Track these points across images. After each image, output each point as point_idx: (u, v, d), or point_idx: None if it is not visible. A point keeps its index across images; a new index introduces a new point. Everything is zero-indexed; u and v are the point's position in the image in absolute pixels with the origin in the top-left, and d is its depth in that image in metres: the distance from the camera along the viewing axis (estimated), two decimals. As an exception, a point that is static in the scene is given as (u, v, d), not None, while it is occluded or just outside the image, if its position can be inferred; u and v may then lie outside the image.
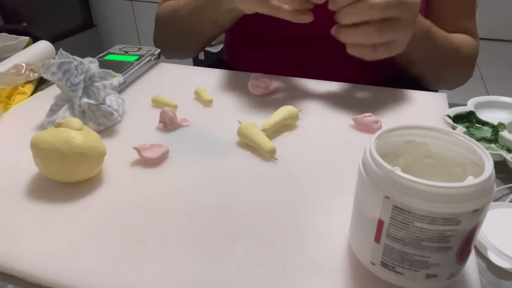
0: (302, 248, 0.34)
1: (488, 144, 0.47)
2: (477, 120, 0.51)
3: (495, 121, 0.49)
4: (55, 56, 0.51)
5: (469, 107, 0.52)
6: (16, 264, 0.33)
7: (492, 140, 0.47)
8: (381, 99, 0.58)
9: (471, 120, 0.51)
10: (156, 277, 0.32)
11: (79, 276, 0.32)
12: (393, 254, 0.29)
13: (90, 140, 0.41)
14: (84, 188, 0.41)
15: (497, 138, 0.47)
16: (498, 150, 0.46)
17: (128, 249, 0.34)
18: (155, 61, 0.70)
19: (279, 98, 0.59)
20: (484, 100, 0.54)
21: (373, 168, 0.28)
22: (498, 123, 0.48)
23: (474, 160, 0.29)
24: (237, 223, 0.37)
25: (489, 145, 0.47)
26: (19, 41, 0.76)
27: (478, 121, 0.51)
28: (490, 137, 0.48)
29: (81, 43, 2.32)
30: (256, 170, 0.44)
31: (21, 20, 2.01)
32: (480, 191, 0.26)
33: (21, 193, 0.41)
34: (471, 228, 0.27)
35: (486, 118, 0.51)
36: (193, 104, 0.58)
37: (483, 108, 0.53)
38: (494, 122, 0.49)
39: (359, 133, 0.50)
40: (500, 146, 0.46)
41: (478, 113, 0.52)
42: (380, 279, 0.31)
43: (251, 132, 0.47)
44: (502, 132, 0.47)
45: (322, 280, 0.32)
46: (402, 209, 0.26)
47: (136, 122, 0.54)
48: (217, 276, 0.32)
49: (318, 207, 0.39)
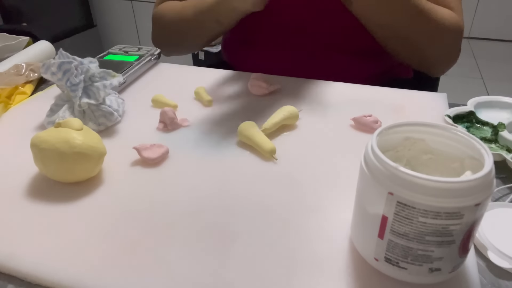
0: (303, 246, 0.34)
1: (488, 144, 0.47)
2: (477, 120, 0.51)
3: (495, 121, 0.49)
4: (55, 56, 0.51)
5: (469, 107, 0.52)
6: (16, 264, 0.33)
7: (492, 140, 0.47)
8: (381, 99, 0.58)
9: (471, 120, 0.51)
10: (156, 277, 0.32)
11: (79, 276, 0.32)
12: (397, 249, 0.29)
13: (90, 140, 0.41)
14: (84, 188, 0.41)
15: (497, 138, 0.47)
16: (498, 150, 0.46)
17: (128, 249, 0.34)
18: (155, 61, 0.70)
19: (279, 98, 0.59)
20: (484, 100, 0.54)
21: (376, 165, 0.28)
22: (498, 123, 0.48)
23: (472, 155, 0.30)
24: (237, 222, 0.37)
25: (489, 145, 0.47)
26: (19, 41, 0.76)
27: (478, 121, 0.51)
28: (490, 137, 0.48)
29: (81, 43, 2.32)
30: (256, 170, 0.44)
31: (21, 20, 2.02)
32: (481, 185, 0.26)
33: (21, 193, 0.41)
34: (473, 222, 0.27)
35: (486, 118, 0.51)
36: (193, 104, 0.58)
37: (483, 108, 0.53)
38: (494, 122, 0.49)
39: (359, 133, 0.50)
40: (500, 146, 0.46)
41: (478, 113, 0.52)
42: (384, 275, 0.31)
43: (251, 132, 0.47)
44: (502, 132, 0.47)
45: (325, 277, 0.32)
46: (406, 205, 0.27)
47: (136, 122, 0.54)
48: (217, 276, 0.32)
49: (318, 206, 0.39)
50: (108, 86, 0.50)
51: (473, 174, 0.27)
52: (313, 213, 0.38)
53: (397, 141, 0.33)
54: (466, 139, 0.30)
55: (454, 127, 0.31)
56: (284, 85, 0.62)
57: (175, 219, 0.38)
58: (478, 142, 0.29)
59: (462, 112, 0.51)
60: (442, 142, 0.32)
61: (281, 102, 0.57)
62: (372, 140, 0.30)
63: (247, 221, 0.37)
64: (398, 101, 0.57)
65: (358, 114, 0.52)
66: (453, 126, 0.32)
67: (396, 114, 0.54)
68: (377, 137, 0.30)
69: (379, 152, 0.28)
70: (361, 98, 0.59)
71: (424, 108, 0.56)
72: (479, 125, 0.50)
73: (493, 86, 1.92)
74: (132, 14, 2.39)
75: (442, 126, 0.32)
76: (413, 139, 0.33)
